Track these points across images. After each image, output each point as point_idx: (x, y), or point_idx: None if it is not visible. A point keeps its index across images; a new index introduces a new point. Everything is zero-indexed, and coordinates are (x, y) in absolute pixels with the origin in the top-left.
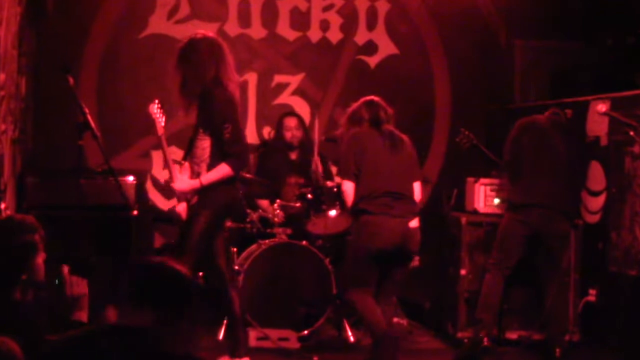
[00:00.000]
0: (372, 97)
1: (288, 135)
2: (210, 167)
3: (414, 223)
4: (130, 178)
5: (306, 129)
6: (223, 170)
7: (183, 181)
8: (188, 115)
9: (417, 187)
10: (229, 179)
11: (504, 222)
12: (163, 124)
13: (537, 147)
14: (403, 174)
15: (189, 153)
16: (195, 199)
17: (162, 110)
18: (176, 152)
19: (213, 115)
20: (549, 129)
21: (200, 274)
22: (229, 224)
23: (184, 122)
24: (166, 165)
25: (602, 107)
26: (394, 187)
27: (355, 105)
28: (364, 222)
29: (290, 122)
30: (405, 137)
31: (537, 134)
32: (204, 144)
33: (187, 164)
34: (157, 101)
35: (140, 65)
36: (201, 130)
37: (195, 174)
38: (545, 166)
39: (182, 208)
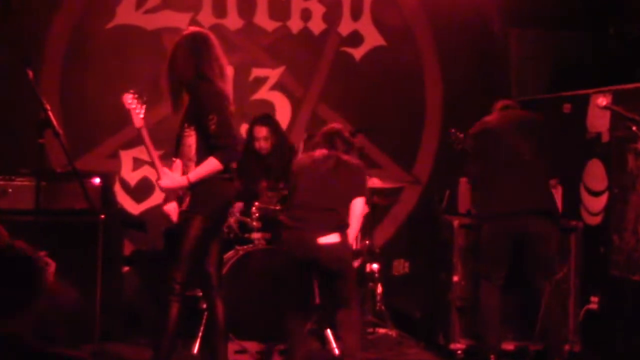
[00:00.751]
0: (335, 125)
1: (256, 145)
2: (198, 164)
3: (329, 239)
4: (97, 180)
5: (282, 133)
6: (211, 164)
7: (170, 178)
8: (177, 112)
9: (357, 202)
10: (223, 175)
11: (482, 233)
12: (142, 115)
13: (494, 153)
14: (334, 191)
15: (177, 151)
16: (187, 202)
17: (139, 101)
18: (144, 151)
19: (197, 108)
20: (500, 129)
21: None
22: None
23: (158, 117)
24: (151, 160)
25: (602, 100)
26: (315, 202)
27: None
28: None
29: (259, 132)
30: (354, 163)
31: (490, 138)
32: (190, 141)
33: (178, 161)
34: (132, 91)
35: (108, 58)
36: (186, 126)
37: (184, 173)
38: (507, 169)
39: (171, 208)
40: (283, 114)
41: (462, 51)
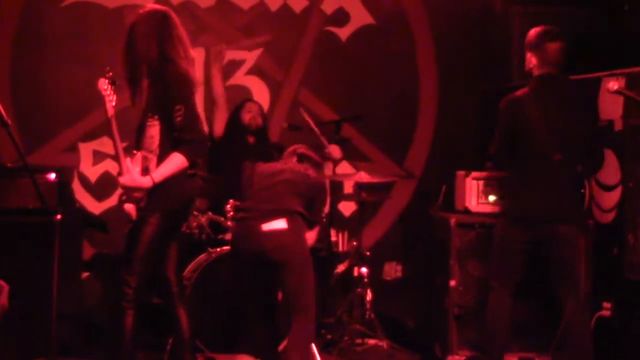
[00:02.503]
0: (301, 148)
1: (247, 117)
2: (160, 158)
3: (274, 224)
4: (52, 175)
5: (265, 118)
6: (176, 161)
7: (131, 177)
8: (135, 103)
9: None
10: (184, 172)
11: (499, 231)
12: (114, 103)
13: (525, 139)
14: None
15: (138, 142)
16: (144, 199)
17: (113, 87)
18: (105, 144)
19: (162, 95)
20: (536, 111)
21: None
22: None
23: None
24: (116, 155)
25: (614, 84)
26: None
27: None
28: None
29: (252, 106)
30: (317, 182)
31: (522, 120)
32: (153, 132)
33: (139, 154)
34: (109, 75)
35: (63, 40)
36: (150, 115)
37: (144, 168)
38: (539, 162)
39: (131, 206)
40: (261, 100)
41: (458, 31)
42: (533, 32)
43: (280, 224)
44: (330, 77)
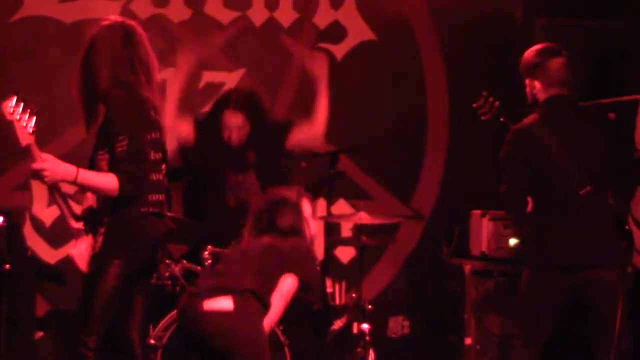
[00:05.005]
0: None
1: (225, 134)
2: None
3: (217, 303)
4: (0, 219)
5: (264, 114)
6: (107, 179)
7: (56, 162)
8: (91, 134)
9: (287, 280)
10: (148, 209)
11: (524, 279)
12: (32, 129)
13: (543, 163)
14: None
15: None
16: (99, 242)
17: (27, 109)
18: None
19: (109, 124)
20: (553, 140)
21: None
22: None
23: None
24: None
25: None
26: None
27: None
28: None
29: (232, 119)
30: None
31: (538, 151)
32: (104, 166)
33: (88, 195)
34: (15, 96)
35: (13, 59)
36: (100, 147)
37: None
38: (564, 200)
39: (79, 252)
40: (258, 105)
41: (473, 47)
42: (528, 53)
43: (224, 303)
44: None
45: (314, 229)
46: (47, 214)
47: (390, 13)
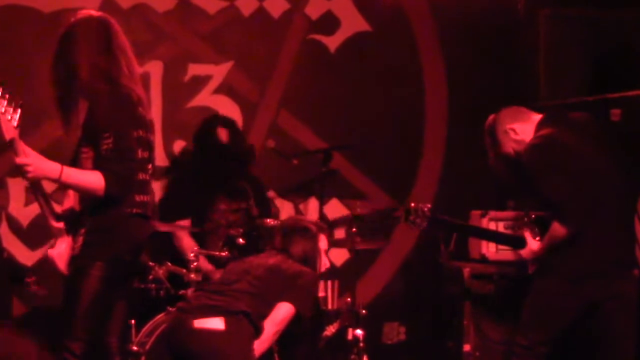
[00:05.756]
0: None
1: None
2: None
3: (208, 323)
4: None
5: (241, 136)
6: (93, 177)
7: (39, 159)
8: (70, 131)
9: (282, 307)
10: (132, 210)
11: (547, 291)
12: (16, 122)
13: (580, 171)
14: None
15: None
16: (79, 243)
17: (10, 102)
18: None
19: (93, 120)
20: (583, 150)
21: None
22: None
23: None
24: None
25: None
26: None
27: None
28: None
29: (221, 134)
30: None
31: (572, 161)
32: (88, 165)
33: (70, 194)
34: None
35: None
36: (83, 144)
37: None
38: (598, 210)
39: (59, 252)
40: (235, 121)
41: (473, 39)
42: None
43: (216, 323)
44: (317, 96)
45: (326, 264)
46: (24, 213)
47: (386, 3)
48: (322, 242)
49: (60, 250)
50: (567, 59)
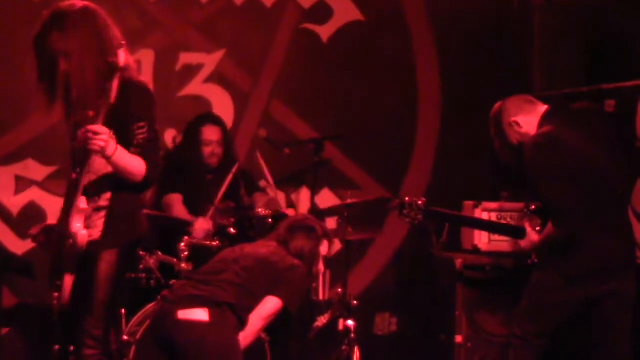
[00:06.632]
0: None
1: (207, 151)
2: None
3: (192, 314)
4: None
5: (229, 138)
6: (139, 164)
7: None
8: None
9: (269, 301)
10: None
11: (544, 286)
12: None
13: (584, 170)
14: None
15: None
16: (99, 228)
17: None
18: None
19: (130, 108)
20: (584, 147)
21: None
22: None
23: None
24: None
25: None
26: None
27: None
28: None
29: (211, 133)
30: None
31: (572, 159)
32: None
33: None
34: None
35: None
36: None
37: (92, 201)
38: (600, 208)
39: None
40: (224, 114)
41: (466, 30)
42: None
43: (200, 314)
44: (309, 85)
45: (321, 270)
46: (14, 202)
47: None
48: (324, 247)
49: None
50: (562, 49)
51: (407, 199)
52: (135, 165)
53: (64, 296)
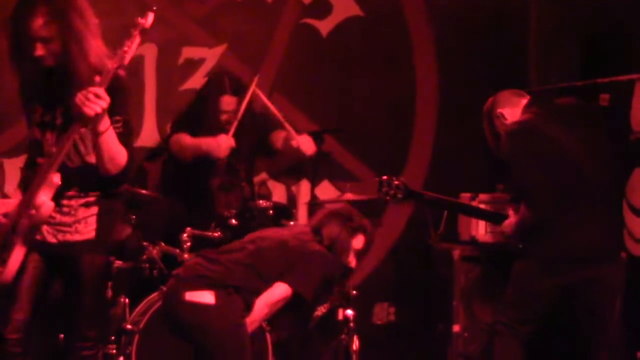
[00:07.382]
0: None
1: (224, 117)
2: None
3: (198, 296)
4: None
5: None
6: (122, 152)
7: None
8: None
9: (278, 287)
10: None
11: (521, 269)
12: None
13: (561, 158)
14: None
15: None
16: (92, 226)
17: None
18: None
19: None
20: (557, 134)
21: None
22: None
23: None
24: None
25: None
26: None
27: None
28: None
29: (229, 104)
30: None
31: (544, 145)
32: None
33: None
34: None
35: None
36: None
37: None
38: (572, 191)
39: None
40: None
41: (464, 25)
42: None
43: (206, 297)
44: (309, 79)
45: (353, 262)
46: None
47: None
48: (358, 241)
49: (43, 201)
50: (558, 42)
51: (384, 177)
52: (120, 152)
53: (9, 272)
